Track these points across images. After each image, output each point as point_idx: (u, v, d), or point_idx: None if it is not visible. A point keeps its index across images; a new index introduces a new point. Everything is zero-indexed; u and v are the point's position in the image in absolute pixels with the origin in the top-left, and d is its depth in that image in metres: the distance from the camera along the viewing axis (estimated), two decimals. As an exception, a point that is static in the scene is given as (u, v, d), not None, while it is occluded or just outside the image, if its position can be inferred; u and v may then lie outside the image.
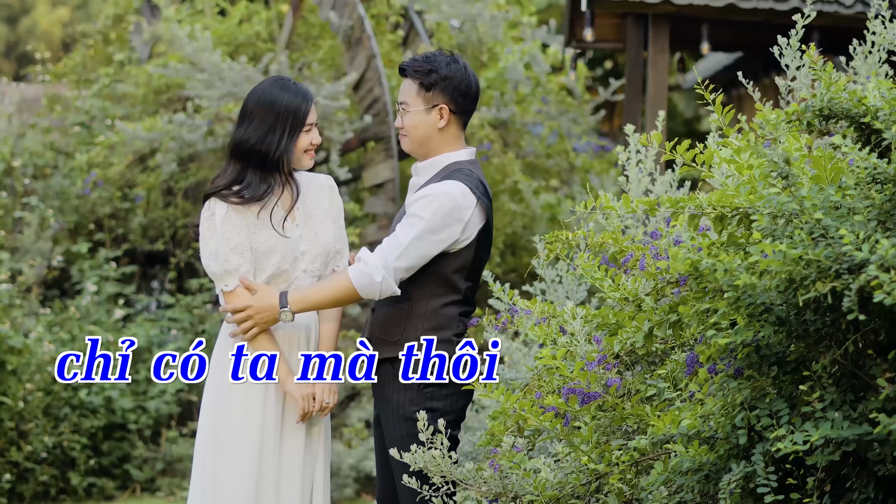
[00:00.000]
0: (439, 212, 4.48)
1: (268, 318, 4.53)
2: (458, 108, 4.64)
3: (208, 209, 4.56)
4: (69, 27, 24.95)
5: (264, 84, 4.64)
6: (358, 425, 9.90)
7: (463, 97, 4.63)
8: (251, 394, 4.60)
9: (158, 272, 11.81)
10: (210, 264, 4.53)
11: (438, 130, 4.63)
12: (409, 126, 4.64)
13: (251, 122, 4.57)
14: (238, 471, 4.55)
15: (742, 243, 3.35)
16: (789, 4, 10.25)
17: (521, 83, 11.98)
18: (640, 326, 3.78)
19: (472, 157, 4.68)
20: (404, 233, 4.48)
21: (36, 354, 9.23)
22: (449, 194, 4.49)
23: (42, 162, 11.47)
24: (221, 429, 4.60)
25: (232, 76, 10.58)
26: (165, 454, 9.87)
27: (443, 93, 4.60)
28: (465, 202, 4.51)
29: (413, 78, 4.62)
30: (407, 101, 4.64)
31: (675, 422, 3.42)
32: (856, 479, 3.13)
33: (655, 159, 5.37)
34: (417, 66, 4.61)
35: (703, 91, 3.83)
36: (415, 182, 4.73)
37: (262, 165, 4.56)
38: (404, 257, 4.46)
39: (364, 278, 4.44)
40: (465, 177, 4.56)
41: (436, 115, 4.61)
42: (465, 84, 4.62)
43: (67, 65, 12.88)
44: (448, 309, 4.58)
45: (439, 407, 4.54)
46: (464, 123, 4.69)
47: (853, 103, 3.42)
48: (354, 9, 10.69)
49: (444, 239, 4.50)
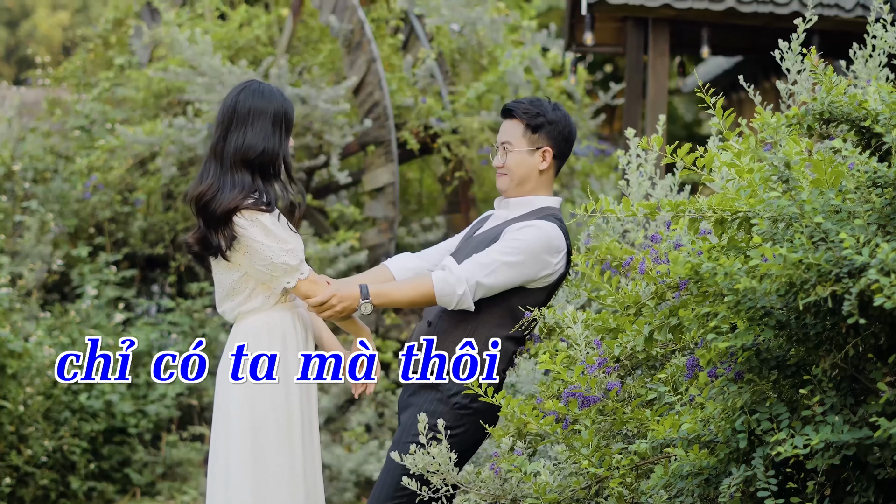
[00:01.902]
0: (537, 244, 4.61)
1: (348, 307, 4.58)
2: (560, 152, 4.80)
3: (248, 219, 4.52)
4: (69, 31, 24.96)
5: (251, 89, 4.63)
6: (358, 429, 9.89)
7: (566, 142, 4.80)
8: (290, 393, 4.64)
9: (158, 276, 11.81)
10: (288, 259, 4.52)
11: (539, 172, 4.78)
12: (512, 165, 4.77)
13: (250, 126, 4.57)
14: (282, 471, 4.62)
15: (742, 247, 3.35)
16: (790, 8, 10.25)
17: (521, 87, 11.97)
18: (641, 330, 3.78)
19: (560, 209, 4.83)
20: (500, 253, 4.58)
21: (36, 358, 9.22)
22: (549, 233, 4.64)
23: (42, 166, 11.47)
24: (261, 428, 4.62)
25: (232, 80, 10.58)
26: (165, 458, 9.87)
27: (548, 136, 4.76)
28: (560, 246, 4.66)
29: (520, 119, 4.76)
30: (511, 141, 4.77)
31: (675, 426, 3.42)
32: (856, 483, 3.13)
33: (656, 163, 5.37)
34: (525, 108, 4.77)
35: (703, 95, 3.83)
36: (501, 215, 4.84)
37: (264, 172, 4.57)
38: (492, 276, 4.57)
39: (446, 287, 4.54)
40: (560, 222, 4.72)
41: (539, 157, 4.77)
42: (567, 130, 4.80)
43: (67, 68, 12.88)
44: (506, 343, 4.66)
45: (465, 429, 4.62)
46: (559, 168, 4.84)
47: (853, 107, 3.42)
48: (354, 13, 10.69)
49: (532, 272, 4.62)
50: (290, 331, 4.69)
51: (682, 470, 3.32)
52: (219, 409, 4.71)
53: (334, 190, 11.65)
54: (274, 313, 4.69)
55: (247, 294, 4.65)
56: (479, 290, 4.56)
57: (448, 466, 4.04)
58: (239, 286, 4.64)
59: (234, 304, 4.68)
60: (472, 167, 11.17)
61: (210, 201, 4.54)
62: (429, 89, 11.35)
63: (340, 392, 10.16)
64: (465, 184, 11.23)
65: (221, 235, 4.56)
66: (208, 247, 4.60)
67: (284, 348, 4.67)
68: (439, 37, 11.74)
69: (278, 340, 4.67)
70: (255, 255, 4.54)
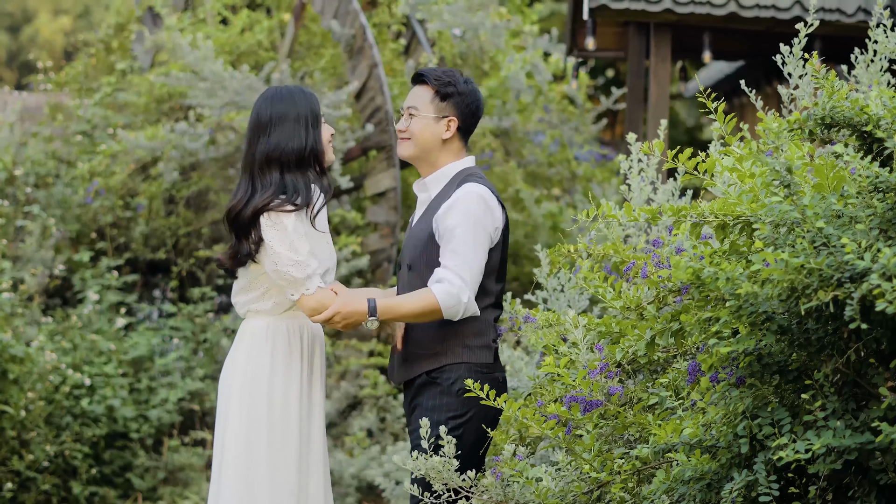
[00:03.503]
0: (477, 213, 4.57)
1: (353, 322, 4.60)
2: (464, 125, 4.75)
3: (271, 221, 4.58)
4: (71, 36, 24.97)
5: (267, 97, 4.69)
6: (359, 434, 9.89)
7: (473, 116, 4.76)
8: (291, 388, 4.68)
9: (160, 281, 11.80)
10: (293, 271, 4.56)
11: (442, 141, 4.72)
12: (416, 130, 4.72)
13: (273, 130, 4.62)
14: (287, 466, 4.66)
15: (744, 252, 3.35)
16: (791, 13, 10.25)
17: (522, 92, 11.98)
18: (642, 335, 3.78)
19: (475, 165, 4.78)
20: (464, 247, 4.54)
21: (37, 363, 9.22)
22: (476, 194, 4.60)
23: (44, 171, 11.47)
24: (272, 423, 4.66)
25: (234, 85, 10.59)
26: (167, 463, 9.86)
27: (455, 106, 4.71)
28: (492, 201, 4.63)
29: (431, 85, 4.71)
30: (418, 105, 4.72)
31: (676, 430, 3.42)
32: (857, 488, 3.13)
33: (657, 168, 5.37)
34: (437, 75, 4.72)
35: (704, 100, 3.83)
36: (424, 198, 4.78)
37: (299, 166, 4.63)
38: (476, 272, 4.55)
39: (451, 298, 4.50)
40: (480, 178, 4.68)
41: (443, 126, 4.71)
42: (475, 104, 4.75)
43: (69, 73, 12.88)
44: (485, 313, 4.64)
45: (475, 412, 4.58)
46: (464, 142, 4.78)
47: (855, 112, 3.43)
48: (356, 18, 10.69)
49: (490, 233, 4.61)
50: (294, 339, 4.71)
51: (684, 475, 3.32)
52: (218, 415, 4.75)
53: (336, 195, 11.65)
54: (280, 320, 4.72)
55: (260, 293, 4.70)
56: (475, 290, 4.56)
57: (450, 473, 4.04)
58: (255, 283, 4.70)
59: (246, 299, 4.74)
60: (474, 172, 11.15)
61: (241, 210, 4.60)
62: (431, 94, 11.34)
63: (342, 397, 10.15)
64: (466, 188, 11.22)
65: (250, 241, 4.61)
66: (240, 261, 4.65)
67: (287, 356, 4.69)
68: (441, 42, 11.75)
69: (281, 347, 4.69)
70: (267, 259, 4.60)
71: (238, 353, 4.74)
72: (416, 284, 4.64)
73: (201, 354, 10.57)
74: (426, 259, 4.65)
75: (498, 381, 4.64)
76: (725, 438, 3.27)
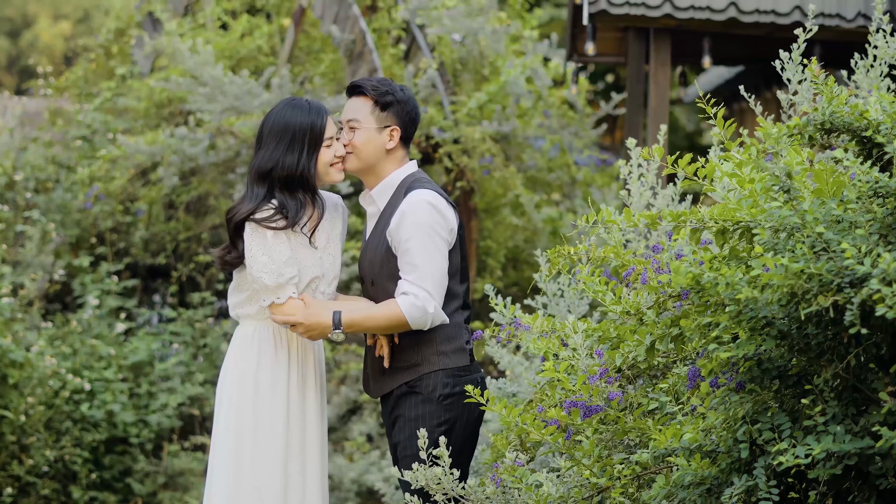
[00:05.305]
0: (428, 221, 4.55)
1: (317, 334, 4.63)
2: (405, 133, 4.73)
3: (252, 227, 4.61)
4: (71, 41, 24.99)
5: (277, 107, 4.72)
6: (359, 439, 9.89)
7: (412, 123, 4.73)
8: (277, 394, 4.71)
9: (160, 286, 11.81)
10: (265, 277, 4.58)
11: (386, 151, 4.70)
12: (359, 143, 4.68)
13: (268, 146, 4.63)
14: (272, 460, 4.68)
15: (744, 257, 3.35)
16: (791, 18, 10.25)
17: (522, 97, 11.98)
18: (642, 340, 3.77)
19: (419, 170, 4.77)
20: (421, 258, 4.52)
21: (37, 368, 9.22)
22: (424, 201, 4.57)
23: (44, 176, 11.47)
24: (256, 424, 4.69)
25: (234, 90, 10.59)
26: (167, 468, 9.86)
27: (396, 115, 4.69)
28: (441, 204, 4.59)
29: (369, 95, 4.67)
30: (358, 117, 4.68)
31: (676, 435, 3.42)
32: (858, 493, 3.13)
33: (657, 173, 5.37)
34: (374, 85, 4.68)
35: (704, 105, 3.84)
36: (373, 212, 4.78)
37: (287, 186, 4.62)
38: (439, 280, 4.54)
39: (416, 311, 4.50)
40: (427, 182, 4.66)
41: (386, 136, 4.69)
42: (414, 112, 4.73)
43: (69, 78, 12.89)
44: (454, 317, 4.63)
45: (458, 416, 4.59)
46: (406, 149, 4.76)
47: (855, 117, 3.43)
48: (356, 23, 10.70)
49: (446, 238, 4.58)
50: (281, 344, 4.73)
51: (684, 480, 3.32)
52: (215, 420, 4.79)
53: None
54: (267, 325, 4.75)
55: (246, 296, 4.74)
56: (440, 300, 4.55)
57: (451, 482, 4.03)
58: (241, 285, 4.74)
59: (235, 300, 4.79)
60: (474, 177, 11.16)
61: (233, 215, 4.65)
62: (430, 99, 11.35)
63: (342, 402, 10.15)
64: (466, 193, 11.22)
65: (239, 245, 4.66)
66: (227, 262, 4.71)
67: (274, 361, 4.71)
68: (441, 47, 11.74)
69: (267, 352, 4.71)
70: (246, 263, 4.62)
71: (228, 359, 4.79)
72: (381, 299, 4.64)
73: (201, 359, 10.57)
74: (387, 272, 4.64)
75: (476, 381, 4.66)
76: (725, 443, 3.27)
